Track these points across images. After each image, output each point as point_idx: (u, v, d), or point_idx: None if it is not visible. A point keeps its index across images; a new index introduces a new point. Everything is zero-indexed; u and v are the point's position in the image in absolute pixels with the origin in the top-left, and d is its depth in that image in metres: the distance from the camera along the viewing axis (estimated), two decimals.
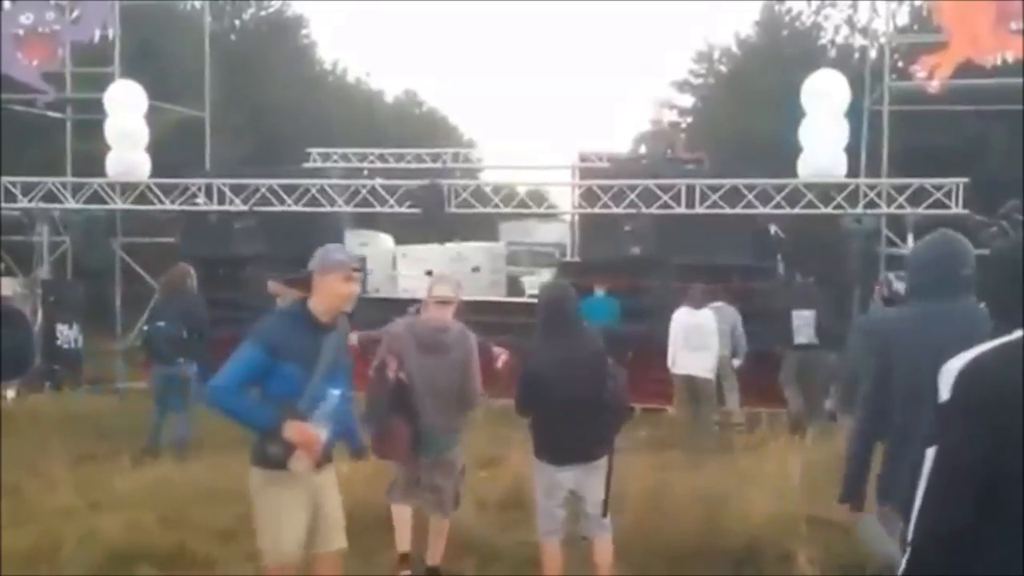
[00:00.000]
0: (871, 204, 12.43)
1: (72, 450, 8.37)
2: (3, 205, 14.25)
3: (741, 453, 8.63)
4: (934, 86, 13.34)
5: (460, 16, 79.79)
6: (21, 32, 14.96)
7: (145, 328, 9.93)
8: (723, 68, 31.02)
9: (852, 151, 13.00)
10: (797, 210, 12.38)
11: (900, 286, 9.23)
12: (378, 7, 76.17)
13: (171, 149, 15.66)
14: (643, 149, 14.52)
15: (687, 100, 31.80)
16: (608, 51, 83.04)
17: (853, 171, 12.98)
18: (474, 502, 6.44)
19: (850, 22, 27.65)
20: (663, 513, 6.09)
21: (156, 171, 14.50)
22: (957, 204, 12.00)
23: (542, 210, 16.21)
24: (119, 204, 14.27)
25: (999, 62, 13.06)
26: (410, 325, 5.67)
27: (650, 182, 12.70)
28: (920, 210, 12.12)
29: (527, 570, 5.44)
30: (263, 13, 31.50)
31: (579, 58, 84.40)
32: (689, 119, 30.78)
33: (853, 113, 12.98)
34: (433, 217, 13.63)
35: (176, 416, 9.01)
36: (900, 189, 12.35)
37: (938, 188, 12.12)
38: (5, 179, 14.33)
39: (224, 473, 7.06)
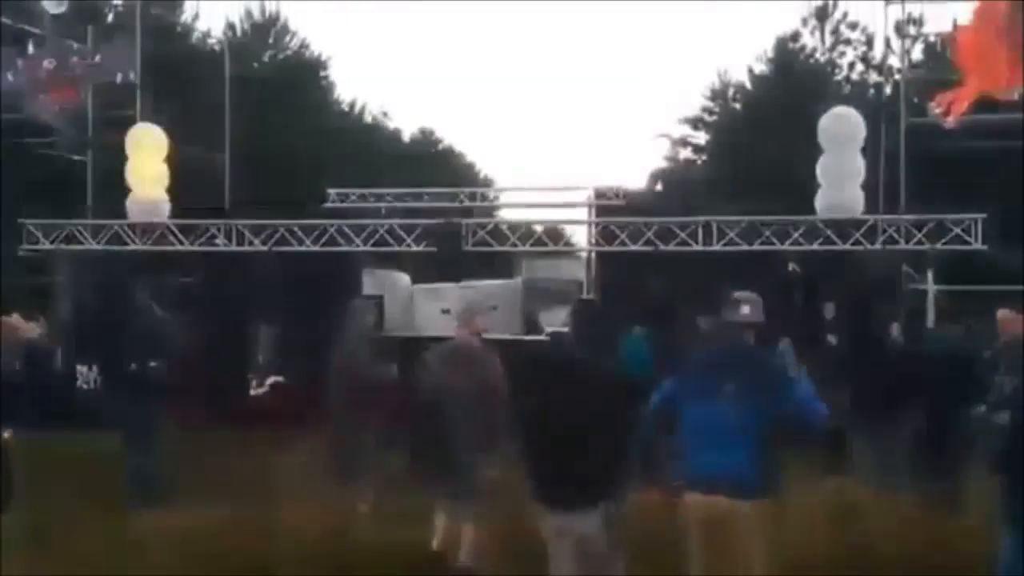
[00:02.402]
0: (890, 240, 12.40)
1: (94, 492, 8.34)
2: (26, 247, 14.40)
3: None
4: (950, 122, 13.34)
5: (476, 55, 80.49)
6: (44, 75, 15.18)
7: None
8: (737, 105, 31.13)
9: (869, 187, 12.99)
10: (815, 247, 12.35)
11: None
12: (394, 48, 76.97)
13: (191, 190, 15.80)
14: (659, 186, 14.56)
15: (701, 137, 31.91)
16: (622, 88, 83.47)
17: (871, 207, 12.96)
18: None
19: (865, 59, 27.78)
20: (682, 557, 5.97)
21: (176, 212, 14.62)
22: (977, 239, 11.95)
23: (559, 247, 16.23)
24: (139, 245, 14.38)
25: (1016, 98, 13.05)
26: (445, 352, 6.27)
27: (667, 219, 12.71)
28: (939, 246, 12.08)
29: None
30: (282, 56, 31.89)
31: (594, 95, 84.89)
32: (704, 156, 30.87)
33: (870, 150, 12.99)
34: (450, 256, 13.67)
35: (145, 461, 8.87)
36: (918, 225, 12.31)
37: (957, 224, 12.08)
38: (28, 221, 14.47)
39: (238, 515, 7.06)
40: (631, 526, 5.12)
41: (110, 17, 23.50)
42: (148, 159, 14.40)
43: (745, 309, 4.72)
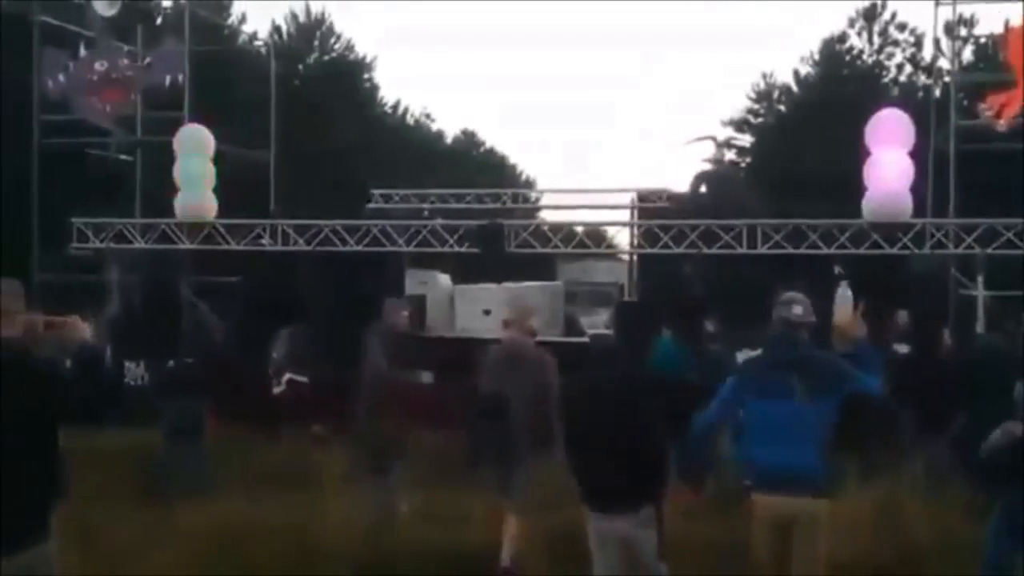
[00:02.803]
0: (938, 245, 12.20)
1: (137, 488, 8.48)
2: (76, 245, 14.66)
3: None
4: (1001, 125, 13.12)
5: (517, 56, 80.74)
6: (96, 78, 15.44)
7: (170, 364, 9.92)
8: (782, 107, 30.88)
9: (918, 191, 12.80)
10: (861, 251, 12.19)
11: None
12: (437, 49, 77.40)
13: (237, 191, 15.99)
14: (703, 189, 14.47)
15: (746, 139, 31.69)
16: (665, 89, 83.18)
17: (919, 211, 12.77)
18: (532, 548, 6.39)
19: (913, 60, 27.41)
20: (728, 563, 5.93)
21: (222, 212, 14.80)
22: None
23: (601, 250, 16.20)
24: (186, 244, 14.58)
25: None
26: (500, 353, 6.64)
27: (711, 222, 12.62)
28: (990, 250, 11.87)
29: None
30: (327, 57, 32.19)
31: (637, 96, 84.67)
32: (748, 158, 30.65)
33: (919, 152, 12.80)
34: (493, 257, 13.70)
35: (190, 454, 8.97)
36: (968, 229, 12.11)
37: (1008, 228, 11.86)
38: (78, 220, 14.73)
39: (286, 510, 7.13)
40: (679, 528, 5.13)
41: (159, 19, 23.87)
42: (196, 159, 14.58)
43: (798, 309, 4.79)
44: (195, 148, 14.66)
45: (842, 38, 29.21)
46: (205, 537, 6.74)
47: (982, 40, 19.77)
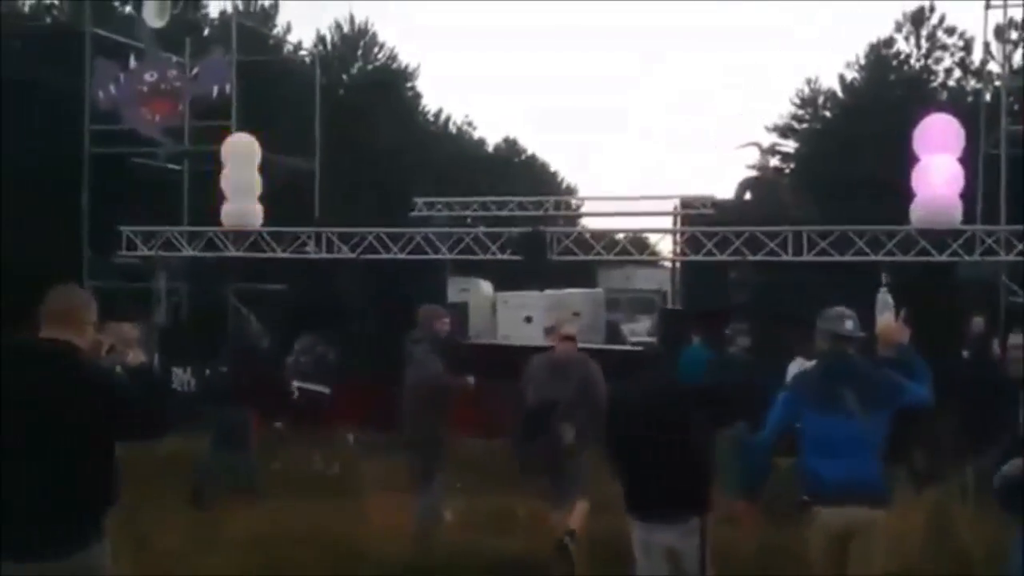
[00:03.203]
0: (988, 251, 11.98)
1: (184, 493, 8.57)
2: (124, 253, 14.89)
3: None
4: None
5: (559, 63, 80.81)
6: (145, 88, 15.72)
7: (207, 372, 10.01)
8: (828, 113, 30.56)
9: (968, 196, 12.58)
10: (910, 258, 12.01)
11: None
12: (479, 57, 77.69)
13: (283, 199, 16.16)
14: (748, 195, 14.36)
15: (790, 145, 31.40)
16: (709, 95, 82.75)
17: (969, 217, 12.55)
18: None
19: (962, 64, 27.01)
20: (768, 570, 5.88)
21: (268, 220, 14.96)
22: None
23: (643, 257, 16.13)
24: (233, 252, 14.73)
25: None
26: (545, 361, 6.88)
27: (756, 229, 12.51)
28: None
29: None
30: (370, 67, 32.47)
31: (679, 103, 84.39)
32: (792, 164, 30.36)
33: (968, 158, 12.58)
34: (535, 264, 13.69)
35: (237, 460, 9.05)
36: (1019, 236, 11.88)
37: None
38: (127, 228, 14.98)
39: (323, 516, 7.18)
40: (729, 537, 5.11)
41: (207, 30, 24.26)
42: (242, 168, 14.74)
43: (849, 324, 4.85)
44: (241, 157, 14.83)
45: (889, 42, 28.87)
46: (251, 543, 6.81)
47: None
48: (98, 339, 3.83)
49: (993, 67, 16.04)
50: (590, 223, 21.31)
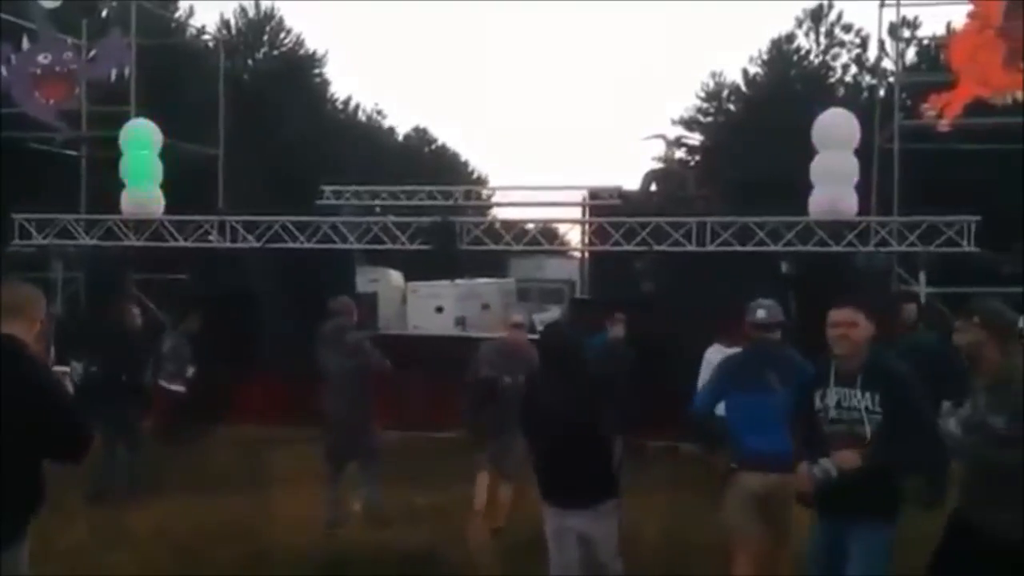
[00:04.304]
0: (882, 242, 12.43)
1: (80, 489, 8.31)
2: (18, 242, 14.36)
3: None
4: (944, 124, 13.41)
5: (469, 54, 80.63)
6: (39, 71, 15.14)
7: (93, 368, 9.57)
8: (732, 106, 31.23)
9: (863, 189, 13.03)
10: (808, 247, 12.38)
11: None
12: (389, 46, 77.00)
13: (185, 186, 15.78)
14: (654, 187, 14.59)
15: (695, 138, 31.97)
16: (616, 88, 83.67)
17: (864, 209, 13.00)
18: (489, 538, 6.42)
19: (859, 61, 27.90)
20: (681, 557, 6.00)
21: (170, 208, 14.60)
22: (969, 242, 12.00)
23: (553, 247, 16.24)
24: (133, 241, 14.35)
25: (1009, 101, 13.13)
26: (497, 345, 7.43)
27: (661, 219, 12.74)
28: (932, 248, 12.13)
29: None
30: (276, 52, 31.88)
31: (588, 95, 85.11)
32: (697, 157, 30.94)
33: (863, 151, 13.02)
34: (445, 254, 13.68)
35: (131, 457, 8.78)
36: (911, 227, 12.36)
37: (950, 226, 12.13)
38: (20, 216, 14.44)
39: (229, 510, 7.06)
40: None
41: (104, 12, 23.44)
42: (142, 154, 14.37)
43: (762, 312, 5.40)
44: (141, 143, 14.45)
45: (790, 38, 29.64)
46: (155, 539, 6.67)
47: (925, 42, 20.17)
48: (40, 342, 3.75)
49: (887, 64, 16.63)
50: (500, 213, 21.39)
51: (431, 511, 7.73)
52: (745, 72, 30.39)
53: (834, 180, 12.43)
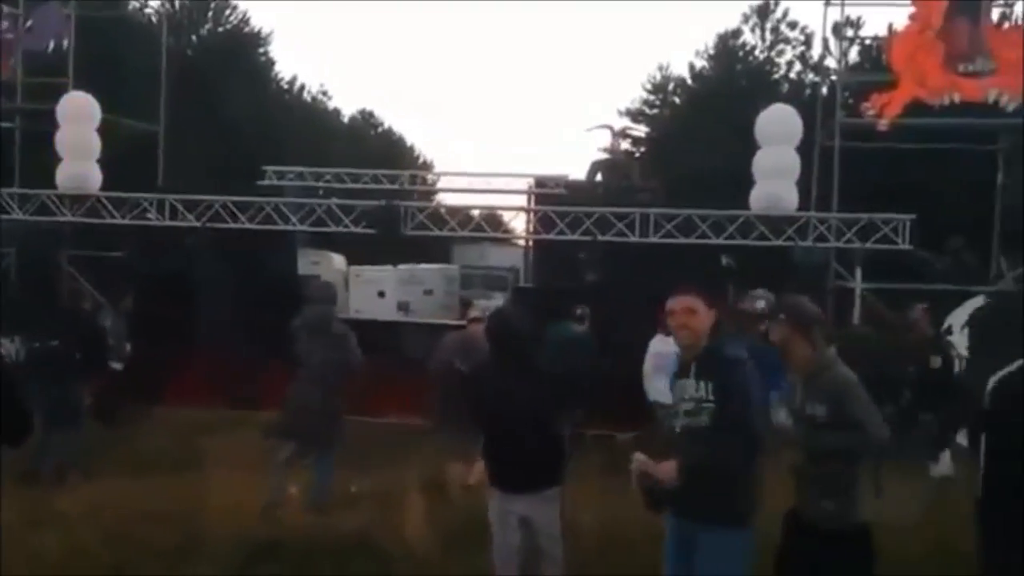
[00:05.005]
0: (821, 238, 12.66)
1: (12, 468, 8.13)
2: None
3: None
4: (883, 124, 13.69)
5: (417, 39, 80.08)
6: None
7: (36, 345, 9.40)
8: (677, 99, 31.45)
9: (803, 185, 13.25)
10: (748, 241, 12.56)
11: None
12: (335, 27, 76.08)
13: (123, 163, 15.45)
14: (599, 177, 14.65)
15: (641, 130, 32.14)
16: (564, 77, 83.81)
17: (804, 205, 13.22)
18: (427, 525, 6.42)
19: (803, 58, 28.27)
20: (617, 544, 6.07)
21: (107, 185, 14.28)
22: (905, 240, 12.28)
23: (498, 234, 16.24)
24: (68, 217, 14.03)
25: (947, 102, 13.43)
26: (462, 336, 7.95)
27: (606, 210, 12.81)
28: (869, 245, 12.38)
29: None
30: (221, 29, 31.30)
31: (535, 84, 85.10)
32: (643, 148, 31.12)
33: (805, 148, 13.23)
34: (389, 238, 13.61)
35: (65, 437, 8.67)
36: (849, 224, 12.60)
37: (886, 223, 12.39)
38: None
39: (164, 493, 6.96)
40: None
41: None
42: (80, 128, 14.02)
43: (761, 303, 5.17)
44: (79, 117, 14.10)
45: (736, 33, 29.91)
46: (89, 519, 6.55)
47: (867, 42, 20.50)
48: None
49: (830, 62, 16.85)
50: (445, 199, 21.30)
51: (369, 497, 7.71)
52: (691, 66, 30.64)
53: (775, 175, 12.62)
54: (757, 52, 29.57)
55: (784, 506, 4.35)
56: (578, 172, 16.28)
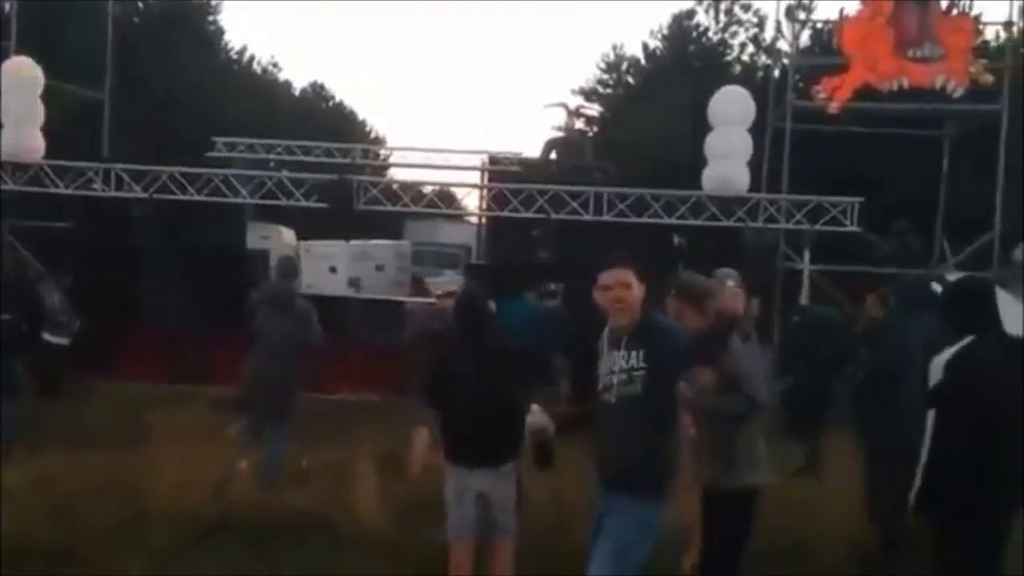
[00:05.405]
0: (771, 219, 12.81)
1: None
2: None
3: None
4: (834, 107, 13.86)
5: (370, 12, 79.07)
6: None
7: None
8: (630, 79, 31.49)
9: (754, 166, 13.38)
10: (700, 221, 12.68)
11: None
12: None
13: (68, 131, 15.09)
14: (553, 155, 14.66)
15: (595, 108, 32.14)
16: (519, 54, 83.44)
17: (755, 186, 13.36)
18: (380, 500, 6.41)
19: (756, 41, 28.47)
20: (568, 516, 6.11)
21: (51, 153, 13.94)
22: (852, 222, 12.47)
23: (451, 210, 16.19)
24: (10, 185, 13.68)
25: (896, 88, 13.63)
26: (435, 309, 7.71)
27: (560, 188, 12.83)
28: (817, 227, 12.56)
29: (433, 571, 5.40)
30: None
31: (489, 60, 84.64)
32: (596, 128, 31.16)
33: (757, 130, 13.36)
34: (341, 213, 13.50)
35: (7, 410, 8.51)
36: (799, 205, 12.77)
37: (835, 206, 12.57)
38: None
39: (111, 468, 6.87)
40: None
41: None
42: (22, 95, 13.63)
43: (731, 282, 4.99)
44: (22, 82, 13.72)
45: (690, 14, 29.99)
46: (28, 497, 6.43)
47: (819, 26, 20.72)
48: None
49: (783, 45, 17.00)
50: (398, 174, 21.14)
51: (319, 472, 7.67)
52: (645, 46, 30.68)
53: (727, 156, 12.73)
54: (711, 33, 29.67)
55: None
56: (532, 150, 16.31)
